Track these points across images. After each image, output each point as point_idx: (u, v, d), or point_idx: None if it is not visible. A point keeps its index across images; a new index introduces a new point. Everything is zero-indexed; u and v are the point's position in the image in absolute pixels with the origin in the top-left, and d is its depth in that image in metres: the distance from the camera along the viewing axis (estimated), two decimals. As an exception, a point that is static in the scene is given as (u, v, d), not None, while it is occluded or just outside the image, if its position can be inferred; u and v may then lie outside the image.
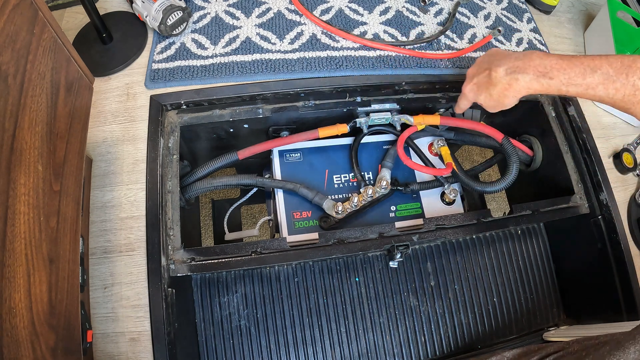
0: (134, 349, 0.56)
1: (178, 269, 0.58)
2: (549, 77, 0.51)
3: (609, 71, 0.48)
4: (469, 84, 0.61)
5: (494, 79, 0.55)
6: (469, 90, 0.60)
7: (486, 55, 0.60)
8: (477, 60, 0.61)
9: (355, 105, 0.72)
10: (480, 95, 0.58)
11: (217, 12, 0.76)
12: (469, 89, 0.60)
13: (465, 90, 0.61)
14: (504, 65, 0.54)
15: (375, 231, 0.63)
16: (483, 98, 0.58)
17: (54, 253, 0.41)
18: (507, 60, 0.55)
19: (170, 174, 0.63)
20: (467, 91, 0.61)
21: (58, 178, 0.44)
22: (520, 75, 0.53)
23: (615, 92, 0.48)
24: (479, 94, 0.59)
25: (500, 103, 0.57)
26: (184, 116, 0.67)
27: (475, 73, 0.60)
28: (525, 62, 0.52)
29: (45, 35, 0.43)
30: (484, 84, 0.57)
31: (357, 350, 0.69)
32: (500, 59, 0.56)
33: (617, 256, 0.69)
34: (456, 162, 0.72)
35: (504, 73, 0.54)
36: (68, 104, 0.48)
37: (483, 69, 0.58)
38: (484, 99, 0.58)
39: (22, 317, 0.36)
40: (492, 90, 0.56)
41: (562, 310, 0.79)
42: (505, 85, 0.55)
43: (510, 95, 0.55)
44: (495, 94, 0.56)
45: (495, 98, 0.57)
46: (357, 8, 0.80)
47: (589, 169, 0.73)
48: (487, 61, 0.58)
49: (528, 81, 0.52)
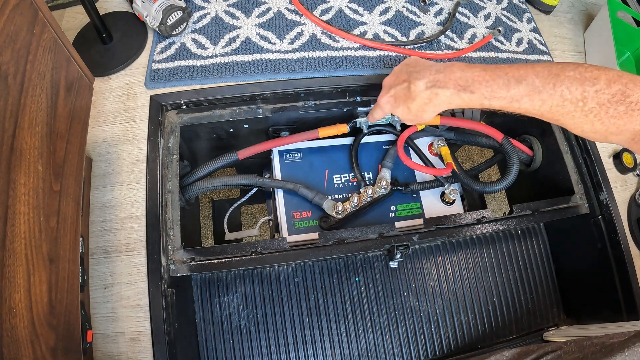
0: (134, 349, 0.56)
1: (178, 269, 0.58)
2: (470, 91, 0.47)
3: (534, 81, 0.44)
4: (385, 94, 0.56)
5: (413, 93, 0.52)
6: (386, 102, 0.56)
7: (405, 64, 0.56)
8: (395, 69, 0.57)
9: (355, 105, 0.72)
10: (398, 108, 0.55)
11: (217, 12, 0.76)
12: (386, 100, 0.56)
13: (381, 102, 0.57)
14: (423, 79, 0.51)
15: (375, 231, 0.63)
16: (400, 111, 0.55)
17: (54, 253, 0.41)
18: (427, 73, 0.51)
19: (170, 174, 0.63)
20: (384, 103, 0.56)
21: (58, 178, 0.44)
22: (440, 90, 0.49)
23: (541, 103, 0.44)
24: (396, 107, 0.55)
25: (419, 117, 0.54)
26: (184, 116, 0.67)
27: (392, 83, 0.55)
28: (446, 75, 0.49)
29: (45, 35, 0.43)
30: (402, 96, 0.53)
31: (357, 350, 0.69)
32: (419, 71, 0.52)
33: (617, 256, 0.69)
34: (456, 162, 0.72)
35: (424, 87, 0.51)
36: (68, 104, 0.48)
37: (401, 79, 0.54)
38: (402, 112, 0.55)
39: (22, 317, 0.36)
40: (410, 104, 0.53)
41: (562, 310, 0.79)
42: (424, 100, 0.51)
43: (430, 110, 0.52)
44: (414, 108, 0.53)
45: (413, 112, 0.53)
46: (357, 8, 0.80)
47: (589, 169, 0.73)
48: (406, 71, 0.54)
49: (449, 96, 0.49)
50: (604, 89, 0.41)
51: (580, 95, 0.42)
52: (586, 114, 0.43)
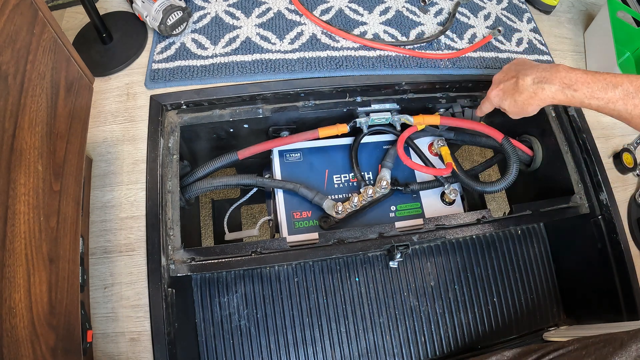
0: (134, 349, 0.56)
1: (178, 269, 0.58)
2: (573, 89, 0.53)
3: (629, 88, 0.51)
4: (494, 89, 0.62)
5: (520, 87, 0.58)
6: (495, 95, 0.62)
7: (513, 63, 0.62)
8: (504, 67, 0.63)
9: (355, 105, 0.72)
10: (505, 100, 0.60)
11: (217, 12, 0.76)
12: (495, 94, 0.62)
13: (491, 95, 0.63)
14: (531, 75, 0.57)
15: (375, 231, 0.63)
16: (508, 104, 0.60)
17: (54, 253, 0.41)
18: (535, 70, 0.57)
19: (170, 174, 0.63)
20: (493, 96, 0.63)
21: (58, 178, 0.44)
22: (546, 85, 0.55)
23: (633, 107, 0.51)
24: (504, 99, 0.61)
25: (524, 110, 0.59)
26: (184, 116, 0.67)
27: (502, 79, 0.62)
28: (552, 74, 0.55)
29: (45, 35, 0.43)
30: (510, 90, 0.59)
31: (357, 350, 0.69)
32: (527, 68, 0.58)
33: (617, 256, 0.69)
34: (456, 162, 0.72)
35: (531, 82, 0.57)
36: (68, 104, 0.48)
37: (510, 76, 0.60)
38: (509, 105, 0.60)
39: (22, 317, 0.36)
40: (517, 97, 0.58)
41: (562, 310, 0.79)
42: (531, 94, 0.57)
43: (535, 103, 0.57)
44: (520, 101, 0.58)
45: (519, 105, 0.59)
46: (357, 8, 0.80)
47: (589, 169, 0.73)
48: (515, 69, 0.60)
49: (554, 91, 0.55)
50: None
51: None
52: None
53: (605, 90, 0.52)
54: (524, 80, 0.57)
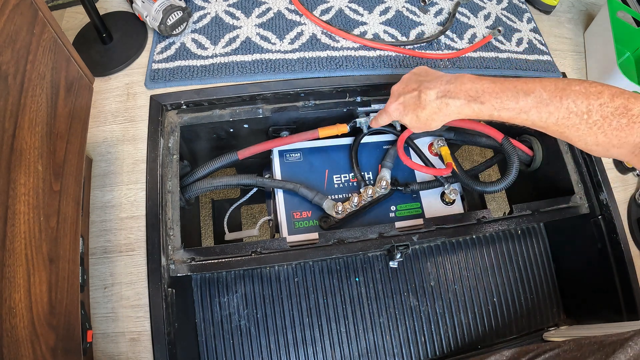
0: (134, 349, 0.56)
1: (178, 269, 0.58)
2: (480, 102, 0.49)
3: (542, 94, 0.46)
4: (394, 102, 0.57)
5: (423, 102, 0.53)
6: (394, 109, 0.57)
7: (414, 73, 0.58)
8: (404, 77, 0.58)
9: (355, 105, 0.72)
10: (407, 116, 0.56)
11: (217, 12, 0.76)
12: (394, 107, 0.57)
13: (390, 109, 0.58)
14: (434, 88, 0.52)
15: (375, 231, 0.63)
16: (409, 119, 0.56)
17: (54, 253, 0.41)
18: (438, 83, 0.52)
19: (170, 174, 0.63)
20: (392, 110, 0.58)
21: (58, 178, 0.44)
22: (451, 100, 0.50)
23: (548, 115, 0.46)
24: (404, 114, 0.56)
25: (427, 126, 0.55)
26: (184, 116, 0.67)
27: (402, 91, 0.56)
28: (457, 86, 0.50)
29: (45, 35, 0.43)
30: (411, 105, 0.55)
31: (357, 350, 0.69)
32: (430, 80, 0.53)
33: (617, 256, 0.69)
34: (456, 162, 0.72)
35: (435, 96, 0.52)
36: (68, 104, 0.48)
37: (411, 88, 0.55)
38: (410, 120, 0.56)
39: (22, 317, 0.36)
40: (419, 113, 0.54)
41: (562, 310, 0.79)
42: (434, 109, 0.52)
43: (439, 119, 0.53)
44: (423, 117, 0.54)
45: (422, 121, 0.54)
46: (357, 8, 0.80)
47: (589, 169, 0.73)
48: (416, 80, 0.55)
49: (459, 106, 0.50)
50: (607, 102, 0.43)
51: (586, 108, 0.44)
52: (590, 126, 0.44)
53: (515, 99, 0.47)
54: (426, 94, 0.52)
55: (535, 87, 0.46)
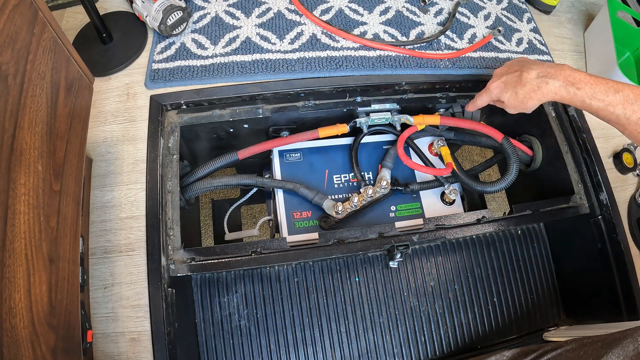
0: (134, 349, 0.56)
1: (178, 269, 0.58)
2: (576, 87, 0.54)
3: (630, 95, 0.52)
4: (495, 81, 0.62)
5: (524, 79, 0.58)
6: (495, 86, 0.62)
7: (516, 60, 0.63)
8: (506, 63, 0.64)
9: (355, 105, 0.72)
10: (507, 92, 0.60)
11: (217, 12, 0.76)
12: (496, 85, 0.62)
13: (491, 87, 0.63)
14: (536, 69, 0.57)
15: (375, 231, 0.63)
16: (508, 96, 0.60)
17: (54, 253, 0.41)
18: (540, 66, 0.58)
19: (170, 174, 0.63)
20: (493, 87, 0.62)
21: (58, 178, 0.44)
22: (550, 80, 0.56)
23: (632, 113, 0.52)
24: (505, 91, 0.60)
25: (524, 104, 0.59)
26: (184, 116, 0.67)
27: (504, 72, 0.62)
28: (557, 70, 0.56)
29: (45, 35, 0.43)
30: (512, 82, 0.59)
31: (357, 350, 0.69)
32: (532, 64, 0.59)
33: (617, 256, 0.69)
34: (456, 162, 0.72)
35: (536, 75, 0.57)
36: (68, 104, 0.48)
37: (514, 69, 0.60)
38: (509, 97, 0.60)
39: (22, 317, 0.36)
40: (519, 90, 0.58)
41: (562, 310, 0.79)
42: (534, 87, 0.57)
43: (536, 97, 0.57)
44: (522, 94, 0.58)
45: (520, 98, 0.59)
46: (357, 8, 0.80)
47: (589, 169, 0.73)
48: (518, 64, 0.61)
49: (557, 87, 0.55)
50: None
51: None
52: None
53: (606, 93, 0.53)
54: (528, 73, 0.57)
55: (624, 88, 0.53)
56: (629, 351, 0.39)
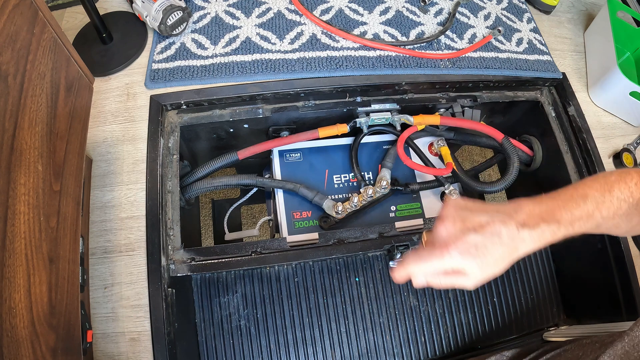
0: (134, 349, 0.56)
1: (178, 269, 0.58)
2: (556, 222, 0.41)
3: (595, 195, 0.42)
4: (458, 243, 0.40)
5: (504, 237, 0.40)
6: (464, 251, 0.40)
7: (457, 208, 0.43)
8: (447, 214, 0.42)
9: (355, 105, 0.72)
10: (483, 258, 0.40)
11: (217, 12, 0.76)
12: (463, 250, 0.40)
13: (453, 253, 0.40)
14: (510, 220, 0.40)
15: (375, 231, 0.63)
16: (477, 264, 0.40)
17: (54, 253, 0.41)
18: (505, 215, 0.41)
19: (170, 174, 0.63)
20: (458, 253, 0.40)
21: (58, 178, 0.44)
22: (530, 232, 0.40)
23: (607, 211, 0.42)
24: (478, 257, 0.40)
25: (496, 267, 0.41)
26: (184, 116, 0.67)
27: (463, 228, 0.41)
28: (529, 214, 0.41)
29: (45, 35, 0.43)
30: (487, 244, 0.40)
31: (357, 350, 0.69)
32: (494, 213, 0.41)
33: (617, 256, 0.69)
34: (456, 162, 0.72)
35: (516, 229, 0.40)
36: (68, 104, 0.48)
37: (478, 223, 0.41)
38: (479, 266, 0.40)
39: (22, 317, 0.36)
40: (495, 252, 0.40)
41: (562, 310, 0.79)
42: (515, 245, 0.40)
43: (514, 257, 0.41)
44: (496, 257, 0.40)
45: (491, 263, 0.40)
46: (357, 8, 0.80)
47: (589, 169, 0.72)
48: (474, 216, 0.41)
49: (540, 234, 0.40)
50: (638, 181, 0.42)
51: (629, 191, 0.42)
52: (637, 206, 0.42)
53: (578, 205, 0.41)
54: (507, 227, 0.40)
55: (584, 190, 0.42)
56: (617, 350, 0.40)
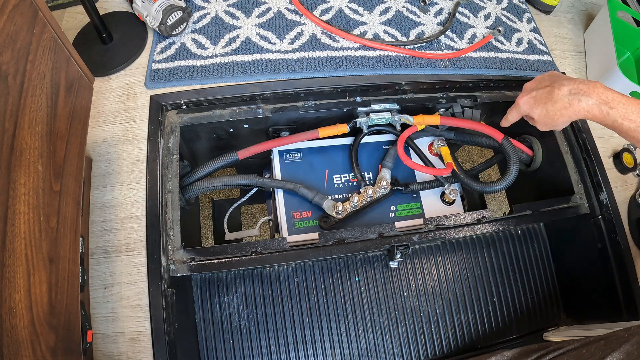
0: (134, 349, 0.56)
1: (178, 269, 0.58)
2: (609, 107, 0.53)
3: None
4: (525, 96, 0.60)
5: (555, 96, 0.56)
6: (525, 102, 0.60)
7: (546, 74, 0.61)
8: (537, 77, 0.62)
9: (355, 105, 0.72)
10: (537, 109, 0.59)
11: (217, 12, 0.76)
12: (525, 101, 0.60)
13: (521, 102, 0.61)
14: (568, 85, 0.55)
15: (375, 231, 0.63)
16: (538, 112, 0.58)
17: (54, 253, 0.41)
18: (571, 82, 0.56)
19: (170, 174, 0.63)
20: (522, 103, 0.61)
21: (58, 178, 0.44)
22: (583, 98, 0.54)
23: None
24: (534, 107, 0.59)
25: (554, 121, 0.57)
26: (184, 116, 0.67)
27: (534, 87, 0.60)
28: (590, 88, 0.54)
29: (45, 35, 0.43)
30: (543, 98, 0.58)
31: (357, 350, 0.69)
32: (564, 79, 0.57)
33: (617, 256, 0.69)
34: (456, 162, 0.72)
35: (568, 92, 0.55)
36: (68, 104, 0.48)
37: (544, 84, 0.58)
38: (539, 114, 0.58)
39: (22, 317, 0.36)
40: (550, 107, 0.57)
41: (562, 310, 0.79)
42: (565, 104, 0.55)
43: (567, 115, 0.56)
44: (552, 111, 0.57)
45: (551, 115, 0.57)
46: (357, 8, 0.80)
47: (589, 169, 0.73)
48: (549, 79, 0.59)
49: (590, 105, 0.54)
50: None
51: None
52: None
53: (639, 113, 0.52)
54: (559, 89, 0.56)
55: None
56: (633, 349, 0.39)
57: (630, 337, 0.40)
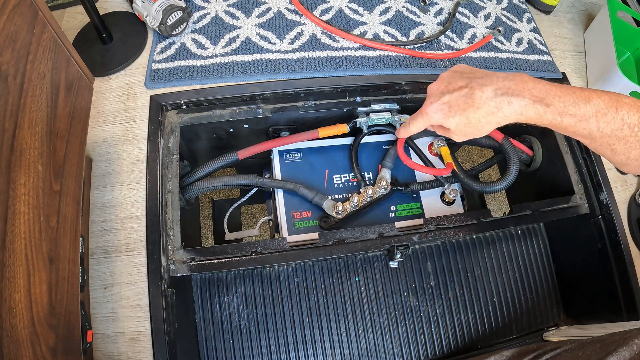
0: (134, 349, 0.56)
1: (178, 269, 0.58)
2: (545, 104, 0.43)
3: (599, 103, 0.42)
4: (435, 102, 0.47)
5: (477, 100, 0.44)
6: (436, 110, 0.47)
7: (455, 71, 0.48)
8: (443, 75, 0.48)
9: (355, 105, 0.72)
10: (453, 118, 0.46)
11: (217, 12, 0.76)
12: (436, 108, 0.47)
13: (430, 110, 0.48)
14: (490, 85, 0.44)
15: (375, 231, 0.63)
16: (456, 122, 0.46)
17: (54, 253, 0.41)
18: (494, 80, 0.45)
19: (170, 174, 0.63)
20: (433, 111, 0.47)
21: (58, 178, 0.44)
22: (514, 99, 0.43)
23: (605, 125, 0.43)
24: (450, 116, 0.46)
25: (477, 130, 0.46)
26: (184, 116, 0.67)
27: (444, 90, 0.47)
28: (519, 84, 0.44)
29: (45, 35, 0.43)
30: (460, 104, 0.45)
31: (357, 350, 0.69)
32: (482, 77, 0.46)
33: (617, 256, 0.69)
34: (456, 162, 0.72)
35: (492, 94, 0.44)
36: (68, 104, 0.48)
37: (457, 85, 0.46)
38: (457, 123, 0.46)
39: (22, 317, 0.36)
40: (471, 114, 0.45)
41: (562, 310, 0.79)
42: (491, 109, 0.44)
43: (495, 121, 0.45)
44: (475, 119, 0.45)
45: (473, 124, 0.45)
46: (357, 8, 0.80)
47: (589, 169, 0.73)
48: (462, 77, 0.47)
49: (523, 106, 0.43)
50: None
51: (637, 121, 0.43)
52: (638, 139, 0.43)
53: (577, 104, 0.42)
54: (481, 90, 0.44)
55: (592, 96, 0.43)
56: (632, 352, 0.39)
57: (626, 341, 0.40)
